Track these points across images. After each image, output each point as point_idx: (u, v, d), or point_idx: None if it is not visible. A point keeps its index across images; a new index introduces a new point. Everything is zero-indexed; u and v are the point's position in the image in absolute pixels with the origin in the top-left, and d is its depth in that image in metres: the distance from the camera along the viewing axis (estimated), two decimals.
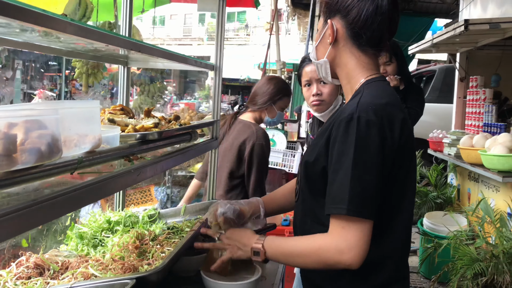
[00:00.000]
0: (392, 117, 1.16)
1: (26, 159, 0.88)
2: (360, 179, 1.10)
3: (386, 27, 1.23)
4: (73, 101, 1.13)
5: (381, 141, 1.12)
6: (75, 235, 1.78)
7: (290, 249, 1.23)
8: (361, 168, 1.10)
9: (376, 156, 1.12)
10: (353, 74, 1.28)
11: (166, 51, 1.51)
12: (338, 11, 1.24)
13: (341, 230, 1.11)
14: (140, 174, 1.24)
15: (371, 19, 1.19)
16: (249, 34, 31.06)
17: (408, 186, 1.24)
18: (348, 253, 1.10)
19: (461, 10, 5.27)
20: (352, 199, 1.09)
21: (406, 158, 1.21)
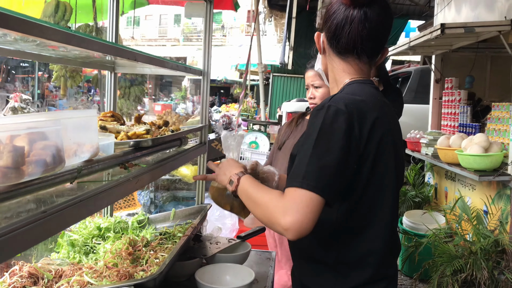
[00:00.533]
0: (363, 112, 1.20)
1: (33, 170, 0.89)
2: (319, 159, 1.13)
3: (358, 35, 1.28)
4: (72, 111, 1.13)
5: (347, 129, 1.16)
6: (66, 242, 1.77)
7: (252, 192, 1.26)
8: (321, 148, 1.14)
9: (339, 141, 1.14)
10: (338, 78, 1.36)
11: (160, 59, 1.52)
12: (324, 24, 1.37)
13: (293, 193, 1.12)
14: (138, 181, 1.25)
15: (340, 28, 1.29)
16: (225, 35, 31.03)
17: (385, 186, 1.26)
18: (290, 216, 1.09)
19: (436, 14, 5.41)
20: (306, 174, 1.12)
21: (382, 157, 1.23)
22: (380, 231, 1.27)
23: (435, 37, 3.87)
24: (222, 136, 1.65)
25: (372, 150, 1.20)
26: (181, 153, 1.76)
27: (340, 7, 1.30)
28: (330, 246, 1.28)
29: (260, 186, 1.28)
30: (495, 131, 3.91)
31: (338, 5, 1.31)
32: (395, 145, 1.29)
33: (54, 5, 3.90)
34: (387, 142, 1.25)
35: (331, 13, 1.32)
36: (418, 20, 13.13)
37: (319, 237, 1.28)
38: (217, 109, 14.67)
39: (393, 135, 1.28)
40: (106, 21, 4.83)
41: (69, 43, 0.91)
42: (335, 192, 1.15)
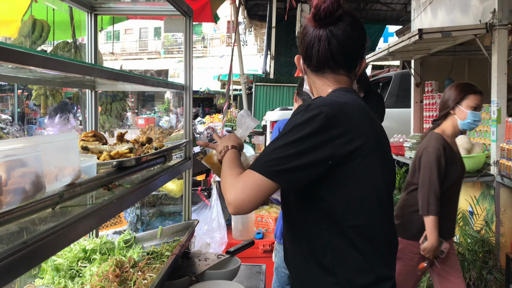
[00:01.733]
0: (344, 114, 1.23)
1: (12, 199, 0.86)
2: (282, 150, 1.19)
3: (327, 51, 1.34)
4: (52, 135, 1.11)
5: (324, 130, 1.18)
6: (50, 267, 1.73)
7: (226, 165, 1.37)
8: (288, 142, 1.19)
9: (310, 138, 1.18)
10: (321, 93, 1.39)
11: (141, 77, 1.50)
12: (299, 47, 1.43)
13: (247, 174, 1.21)
14: (122, 203, 1.22)
15: (311, 48, 1.36)
16: (206, 46, 31.07)
17: (370, 190, 1.26)
18: (235, 193, 1.19)
19: (413, 19, 5.50)
20: (265, 162, 1.19)
21: (365, 160, 1.24)
22: (375, 236, 1.27)
23: (413, 42, 3.93)
24: (242, 112, 1.72)
25: (352, 152, 1.21)
26: (166, 170, 1.73)
27: (309, 29, 1.37)
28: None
29: (234, 162, 1.38)
30: (476, 132, 3.96)
31: (308, 28, 1.38)
32: (381, 150, 1.29)
33: (31, 23, 3.85)
34: (370, 146, 1.25)
35: (303, 35, 1.39)
36: (396, 25, 13.35)
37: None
38: (201, 120, 14.62)
39: (377, 140, 1.29)
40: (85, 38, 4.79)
41: (46, 67, 0.89)
42: (292, 180, 1.20)
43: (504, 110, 3.52)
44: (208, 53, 29.76)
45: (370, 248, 1.26)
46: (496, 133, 3.55)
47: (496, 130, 3.55)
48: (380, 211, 1.29)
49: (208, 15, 5.21)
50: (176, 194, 3.61)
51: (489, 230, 3.54)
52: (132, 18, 5.33)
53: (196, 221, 2.12)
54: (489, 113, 3.70)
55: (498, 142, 3.52)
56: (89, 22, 2.18)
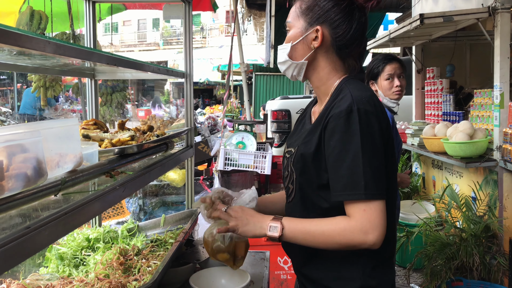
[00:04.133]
0: (381, 107, 1.28)
1: (14, 185, 0.85)
2: (370, 164, 1.18)
3: (364, 43, 1.36)
4: (52, 121, 1.09)
5: (379, 128, 1.23)
6: (54, 256, 1.72)
7: (311, 228, 1.24)
8: (369, 154, 1.19)
9: (379, 143, 1.22)
10: (328, 77, 1.35)
11: (141, 63, 1.48)
12: (326, 21, 1.30)
13: (363, 213, 1.18)
14: (125, 189, 1.21)
15: (357, 39, 1.31)
16: (205, 36, 30.91)
17: (391, 174, 1.31)
18: (372, 233, 1.17)
19: (414, 5, 5.45)
20: (367, 184, 1.17)
21: (391, 144, 1.30)
22: (392, 206, 1.32)
23: (414, 28, 3.89)
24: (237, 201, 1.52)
25: (388, 140, 1.28)
26: (167, 158, 1.72)
27: (353, 13, 1.30)
28: None
29: (310, 221, 1.26)
30: (478, 117, 3.94)
31: (352, 9, 1.30)
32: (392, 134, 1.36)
33: (29, 14, 3.81)
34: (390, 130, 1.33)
35: (342, 15, 1.29)
36: (396, 12, 13.22)
37: None
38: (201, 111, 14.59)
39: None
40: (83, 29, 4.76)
41: (45, 50, 0.87)
42: (385, 187, 1.22)
43: (507, 94, 3.50)
44: (207, 44, 29.62)
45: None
46: (499, 118, 3.53)
47: (499, 115, 3.52)
48: (395, 190, 1.37)
49: (207, 3, 5.16)
50: (178, 184, 3.61)
51: (492, 216, 3.54)
52: (130, 7, 5.29)
53: (199, 209, 2.11)
54: (491, 98, 3.68)
55: (501, 127, 3.50)
56: (88, 10, 2.15)
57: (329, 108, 1.28)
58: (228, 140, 3.74)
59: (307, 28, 1.31)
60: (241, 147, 3.76)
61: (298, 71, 1.37)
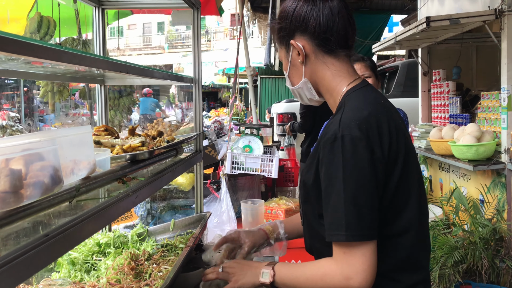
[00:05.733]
0: (378, 128, 1.13)
1: (32, 193, 0.86)
2: (354, 201, 1.07)
3: (346, 24, 1.22)
4: (67, 129, 1.11)
5: (370, 155, 1.09)
6: (66, 261, 1.74)
7: (298, 273, 1.18)
8: (352, 189, 1.07)
9: (367, 173, 1.08)
10: (333, 85, 1.25)
11: (152, 70, 1.50)
12: (295, 29, 1.23)
13: (343, 256, 1.08)
14: (138, 196, 1.23)
15: (331, 21, 1.19)
16: (210, 40, 31.01)
17: (411, 186, 1.19)
18: (354, 278, 1.07)
19: (420, 7, 5.45)
20: (348, 224, 1.06)
21: (404, 164, 1.17)
22: (412, 235, 1.19)
23: (420, 31, 3.89)
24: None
25: (398, 160, 1.15)
26: (178, 163, 1.74)
27: (314, 2, 1.20)
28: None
29: (299, 266, 1.21)
30: (486, 120, 3.93)
31: (309, 2, 1.20)
32: (408, 142, 1.23)
33: (38, 20, 3.85)
34: (406, 143, 1.19)
35: (305, 13, 1.20)
36: (401, 14, 13.22)
37: None
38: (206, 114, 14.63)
39: (404, 133, 1.22)
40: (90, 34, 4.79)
41: (61, 60, 0.89)
42: (376, 226, 1.10)
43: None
44: (212, 47, 29.70)
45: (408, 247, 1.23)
46: (506, 120, 3.52)
47: (506, 117, 3.51)
48: (417, 204, 1.26)
49: (213, 7, 5.19)
50: (185, 188, 3.62)
51: (501, 218, 3.52)
52: (137, 12, 5.32)
53: (208, 213, 2.13)
54: (499, 101, 3.67)
55: (509, 130, 3.49)
56: (96, 16, 2.17)
57: (322, 132, 1.19)
58: (235, 144, 3.76)
59: (287, 51, 1.27)
60: (248, 150, 3.77)
61: (309, 93, 1.29)
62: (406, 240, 1.18)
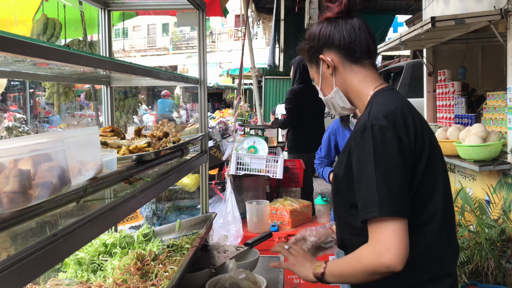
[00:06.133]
0: (404, 120, 1.23)
1: (40, 193, 0.87)
2: (385, 180, 1.14)
3: (367, 36, 1.38)
4: (74, 130, 1.11)
5: (398, 143, 1.18)
6: (72, 261, 1.75)
7: (341, 262, 1.26)
8: (383, 170, 1.15)
9: (396, 157, 1.16)
10: (361, 90, 1.37)
11: (157, 71, 1.51)
12: (323, 46, 1.39)
13: (375, 234, 1.14)
14: (144, 196, 1.23)
15: (354, 34, 1.35)
16: (214, 41, 31.05)
17: (438, 179, 1.26)
18: (385, 254, 1.10)
19: (425, 8, 5.43)
20: (381, 201, 1.12)
21: (433, 152, 1.26)
22: (433, 231, 1.25)
23: (426, 31, 3.88)
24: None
25: (424, 151, 1.24)
26: (183, 164, 1.74)
27: (338, 20, 1.36)
28: None
29: (344, 257, 1.28)
30: (491, 120, 3.92)
31: (334, 20, 1.37)
32: (433, 137, 1.31)
33: (44, 22, 3.88)
34: (431, 138, 1.28)
35: (330, 31, 1.37)
36: (405, 14, 13.20)
37: None
38: (211, 115, 14.65)
39: (428, 129, 1.31)
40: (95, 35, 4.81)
41: (69, 61, 0.89)
42: (408, 206, 1.16)
43: None
44: (217, 48, 29.74)
45: (431, 240, 1.28)
46: None
47: None
48: (444, 198, 1.31)
49: (218, 9, 5.19)
50: (191, 188, 3.63)
51: (507, 219, 3.51)
52: (141, 14, 5.34)
53: (214, 214, 2.13)
54: (505, 101, 3.66)
55: None
56: (102, 18, 2.18)
57: (354, 127, 1.31)
58: (240, 145, 3.76)
59: (317, 67, 1.42)
60: (252, 151, 3.78)
61: (341, 101, 1.42)
62: (431, 229, 1.24)
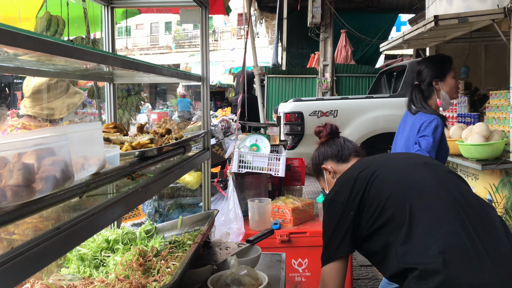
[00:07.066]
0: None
1: (43, 187, 0.88)
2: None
3: (351, 143, 1.96)
4: (77, 125, 1.12)
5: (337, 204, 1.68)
6: (75, 257, 1.76)
7: None
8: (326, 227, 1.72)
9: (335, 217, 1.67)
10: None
11: (160, 67, 1.51)
12: (322, 161, 1.94)
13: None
14: (147, 192, 1.24)
15: (340, 146, 1.93)
16: (217, 39, 31.05)
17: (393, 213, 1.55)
18: None
19: (428, 6, 5.43)
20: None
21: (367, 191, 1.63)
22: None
23: (429, 30, 3.88)
24: None
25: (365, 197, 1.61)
26: (185, 160, 1.75)
27: (327, 143, 1.98)
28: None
29: None
30: (494, 119, 3.91)
31: (325, 144, 1.98)
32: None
33: (47, 19, 3.89)
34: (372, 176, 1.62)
35: (325, 150, 1.96)
36: (408, 13, 13.17)
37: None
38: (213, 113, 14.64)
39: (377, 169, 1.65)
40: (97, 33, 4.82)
41: (72, 56, 0.90)
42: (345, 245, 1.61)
43: None
44: (219, 47, 29.74)
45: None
46: None
47: None
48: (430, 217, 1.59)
49: (220, 7, 5.19)
50: (193, 186, 3.64)
51: (509, 218, 3.50)
52: (145, 12, 5.35)
53: (216, 211, 2.14)
54: (508, 100, 3.65)
55: None
56: (106, 15, 2.19)
57: None
58: (242, 143, 3.76)
59: (322, 176, 1.97)
60: (255, 149, 3.78)
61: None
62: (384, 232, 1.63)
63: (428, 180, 1.54)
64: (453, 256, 1.33)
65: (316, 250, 3.21)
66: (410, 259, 1.39)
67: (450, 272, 1.31)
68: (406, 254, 1.40)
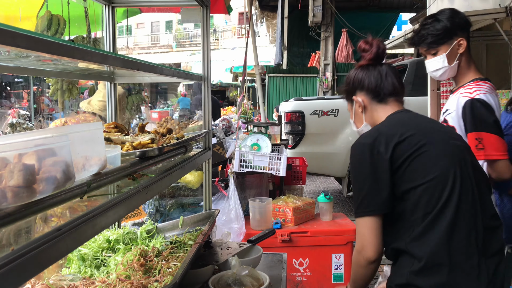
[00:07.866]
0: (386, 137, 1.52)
1: (44, 188, 0.87)
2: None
3: (394, 81, 1.66)
4: (78, 125, 1.12)
5: (371, 156, 1.52)
6: (76, 257, 1.75)
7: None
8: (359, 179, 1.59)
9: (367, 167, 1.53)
10: (376, 120, 1.68)
11: (161, 67, 1.50)
12: (356, 89, 1.72)
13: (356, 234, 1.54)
14: (148, 192, 1.23)
15: (380, 80, 1.66)
16: (218, 38, 31.04)
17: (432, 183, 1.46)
18: (363, 251, 1.47)
19: (429, 5, 5.41)
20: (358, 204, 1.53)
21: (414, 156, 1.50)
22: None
23: None
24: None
25: (403, 159, 1.48)
26: (187, 160, 1.74)
27: (368, 68, 1.68)
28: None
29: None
30: None
31: (364, 69, 1.68)
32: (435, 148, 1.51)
33: (48, 18, 3.88)
34: (420, 149, 1.48)
35: (362, 77, 1.68)
36: (409, 12, 13.17)
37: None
38: None
39: (426, 144, 1.50)
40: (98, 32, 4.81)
41: (73, 56, 0.89)
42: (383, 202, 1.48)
43: None
44: (220, 46, 29.74)
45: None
46: None
47: None
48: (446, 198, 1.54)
49: (221, 6, 5.19)
50: (194, 186, 3.63)
51: None
52: (146, 11, 5.34)
53: (217, 211, 2.13)
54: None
55: None
56: (107, 14, 2.18)
57: None
58: (243, 142, 3.76)
59: (352, 105, 1.77)
60: (256, 149, 3.77)
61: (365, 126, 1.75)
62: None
63: (470, 185, 1.50)
64: (459, 262, 1.41)
65: (317, 250, 3.21)
66: (418, 250, 1.43)
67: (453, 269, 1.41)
68: (416, 241, 1.44)
